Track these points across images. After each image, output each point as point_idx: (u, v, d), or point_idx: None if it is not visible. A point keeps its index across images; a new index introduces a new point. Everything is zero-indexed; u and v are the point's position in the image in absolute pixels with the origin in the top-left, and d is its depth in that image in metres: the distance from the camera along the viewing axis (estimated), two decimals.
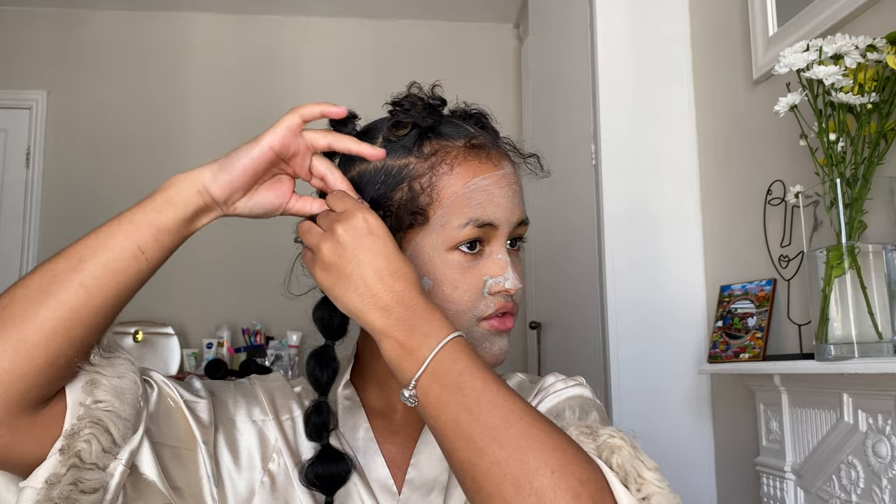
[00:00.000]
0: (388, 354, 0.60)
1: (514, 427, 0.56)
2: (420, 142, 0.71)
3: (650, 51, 2.10)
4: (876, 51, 1.22)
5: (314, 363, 0.70)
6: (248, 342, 3.29)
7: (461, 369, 0.59)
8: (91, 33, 3.60)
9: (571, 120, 2.29)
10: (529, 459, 0.54)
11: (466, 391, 0.58)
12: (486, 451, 0.55)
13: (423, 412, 0.59)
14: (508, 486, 0.54)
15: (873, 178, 1.26)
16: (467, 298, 0.70)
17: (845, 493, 1.30)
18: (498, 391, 0.58)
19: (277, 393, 0.76)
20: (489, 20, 3.73)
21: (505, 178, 0.73)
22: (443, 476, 0.73)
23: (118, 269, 0.60)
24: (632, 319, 1.98)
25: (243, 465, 0.70)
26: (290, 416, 0.74)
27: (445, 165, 0.71)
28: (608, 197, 2.02)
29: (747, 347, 1.67)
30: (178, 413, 0.67)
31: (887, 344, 1.22)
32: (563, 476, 0.54)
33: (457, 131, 0.73)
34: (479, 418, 0.56)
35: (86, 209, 3.46)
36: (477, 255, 0.71)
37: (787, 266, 1.64)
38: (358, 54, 3.65)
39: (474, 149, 0.72)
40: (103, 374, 0.61)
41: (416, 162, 0.71)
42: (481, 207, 0.70)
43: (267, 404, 0.74)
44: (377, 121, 0.75)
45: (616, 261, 2.00)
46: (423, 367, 0.59)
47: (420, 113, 0.72)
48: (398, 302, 0.61)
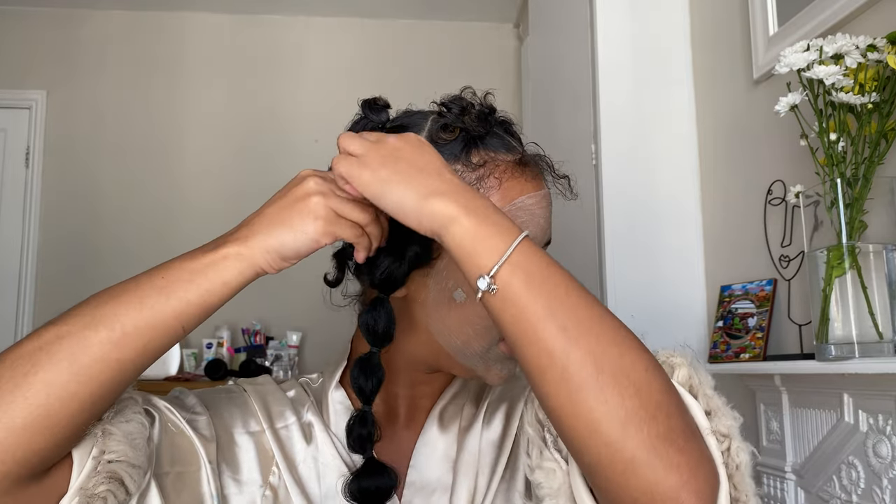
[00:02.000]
0: (460, 240, 0.56)
1: (608, 322, 0.55)
2: (468, 150, 0.69)
3: (650, 51, 2.10)
4: (876, 51, 1.22)
5: (359, 371, 0.67)
6: (248, 342, 3.28)
7: (546, 261, 0.57)
8: (91, 33, 3.59)
9: (571, 120, 2.29)
10: (625, 353, 0.54)
11: (556, 281, 0.56)
12: (582, 340, 0.54)
13: (501, 303, 0.55)
14: (606, 377, 0.53)
15: (874, 177, 1.26)
16: None
17: (846, 494, 1.30)
18: (582, 288, 0.57)
19: (271, 399, 0.74)
20: (489, 20, 3.73)
21: (545, 199, 0.72)
22: (445, 477, 0.72)
23: (158, 348, 0.57)
24: (632, 319, 1.97)
25: (244, 479, 0.68)
26: (284, 424, 0.73)
27: (493, 179, 0.69)
28: (608, 197, 2.02)
29: (747, 347, 1.67)
30: (180, 436, 0.65)
31: (888, 344, 1.22)
32: (656, 375, 0.54)
33: (503, 144, 0.71)
34: (570, 309, 0.55)
35: (85, 209, 3.46)
36: None
37: (787, 266, 1.64)
38: (358, 54, 3.65)
39: (522, 166, 0.71)
40: (113, 422, 0.58)
41: (463, 170, 0.68)
42: (524, 226, 0.67)
43: (261, 413, 0.72)
44: (415, 116, 0.72)
45: (616, 260, 2.00)
46: (509, 253, 0.55)
47: (473, 121, 0.70)
48: (457, 191, 0.58)
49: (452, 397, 0.77)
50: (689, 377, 0.60)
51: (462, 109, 0.70)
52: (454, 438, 0.75)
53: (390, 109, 0.71)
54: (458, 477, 0.72)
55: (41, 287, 3.40)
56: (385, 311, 0.66)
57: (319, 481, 0.71)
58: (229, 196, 3.38)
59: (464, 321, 0.68)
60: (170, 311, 0.56)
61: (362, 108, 0.70)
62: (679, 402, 0.56)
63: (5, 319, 3.35)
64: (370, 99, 0.71)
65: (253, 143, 3.52)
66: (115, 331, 0.55)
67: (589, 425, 0.52)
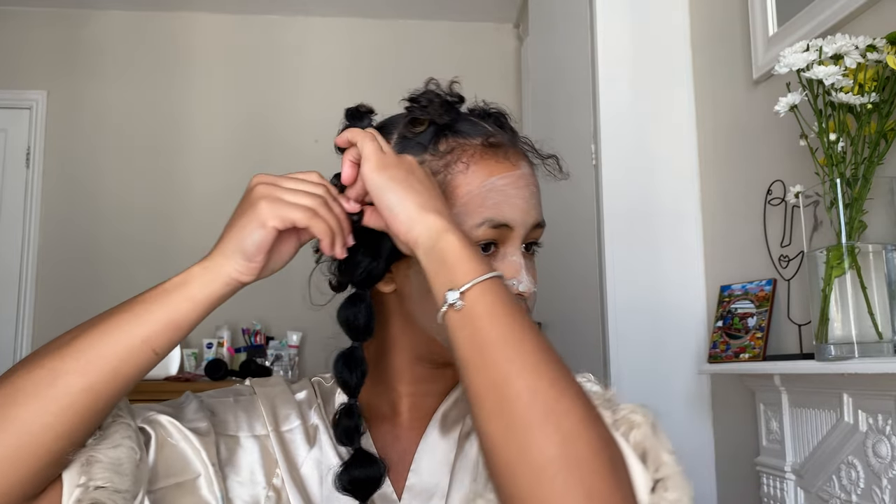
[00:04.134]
0: (442, 253, 0.59)
1: (555, 366, 0.56)
2: (436, 139, 0.70)
3: (650, 51, 2.10)
4: (876, 51, 1.22)
5: (342, 365, 0.68)
6: (248, 342, 3.28)
7: (512, 300, 0.59)
8: (91, 33, 3.59)
9: (571, 120, 2.29)
10: (565, 399, 0.54)
11: (517, 317, 0.57)
12: (524, 374, 0.54)
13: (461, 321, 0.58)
14: (536, 415, 0.53)
15: (873, 177, 1.26)
16: None
17: (845, 494, 1.30)
18: (540, 332, 0.58)
19: (278, 401, 0.74)
20: (489, 20, 3.73)
21: (522, 179, 0.71)
22: (444, 482, 0.72)
23: (129, 373, 0.58)
24: (632, 319, 1.97)
25: (245, 480, 0.68)
26: (290, 427, 0.72)
27: (461, 164, 0.69)
28: (608, 197, 2.02)
29: (747, 347, 1.67)
30: (181, 445, 0.65)
31: (887, 344, 1.22)
32: (589, 427, 0.53)
33: (474, 129, 0.72)
34: (522, 343, 0.56)
35: (85, 209, 3.46)
36: (491, 256, 0.70)
37: (787, 266, 1.64)
38: (358, 54, 3.65)
39: (491, 147, 0.71)
40: (98, 449, 0.59)
41: (431, 159, 0.70)
42: (497, 208, 0.69)
43: (267, 416, 0.72)
44: (394, 116, 0.74)
45: (616, 261, 2.00)
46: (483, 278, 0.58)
47: (437, 110, 0.71)
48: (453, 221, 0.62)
49: (456, 401, 0.77)
50: (644, 438, 0.58)
51: (428, 101, 0.71)
52: (455, 443, 0.74)
53: (374, 115, 0.73)
54: (454, 482, 0.72)
55: (42, 287, 3.40)
56: (364, 305, 0.67)
57: (321, 483, 0.70)
58: (230, 196, 3.36)
59: None
60: (137, 333, 0.58)
61: (346, 116, 0.72)
62: (611, 464, 0.53)
63: (6, 319, 3.35)
64: (352, 107, 0.73)
65: (253, 142, 3.52)
66: (80, 360, 0.57)
67: (510, 462, 0.52)
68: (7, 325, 3.35)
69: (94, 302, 3.29)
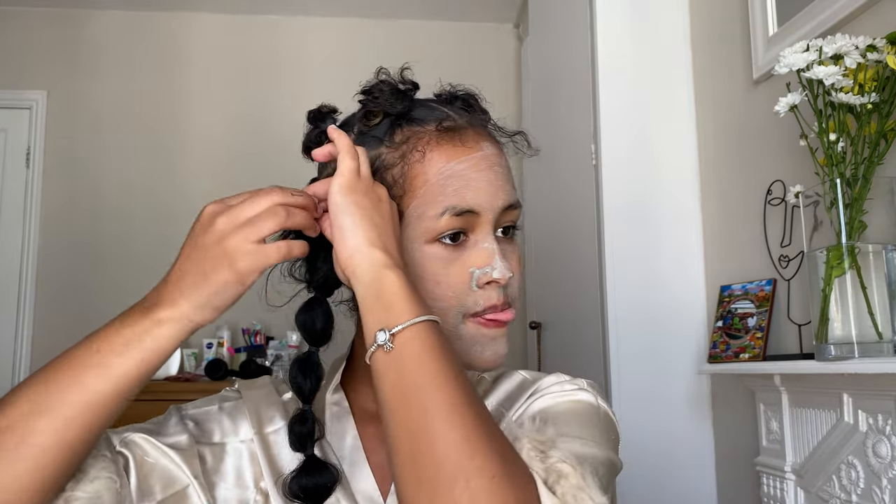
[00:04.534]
0: (380, 289, 0.58)
1: (475, 416, 0.53)
2: (392, 130, 0.67)
3: (650, 51, 2.10)
4: (876, 51, 1.22)
5: (297, 370, 0.66)
6: (248, 342, 3.29)
7: (446, 347, 0.57)
8: (91, 33, 3.59)
9: (571, 120, 2.29)
10: (478, 455, 0.51)
11: (444, 362, 0.55)
12: (440, 426, 0.52)
13: (387, 364, 0.56)
14: (447, 473, 0.51)
15: (873, 178, 1.26)
16: (451, 294, 0.65)
17: (845, 494, 1.30)
18: (468, 383, 0.56)
19: (262, 403, 0.72)
20: (489, 20, 3.73)
21: (485, 160, 0.67)
22: None
23: (102, 423, 0.57)
24: (632, 319, 1.97)
25: (232, 485, 0.67)
26: (274, 428, 0.70)
27: (417, 152, 0.66)
28: (608, 197, 2.02)
29: (747, 347, 1.67)
30: (160, 465, 0.63)
31: (887, 344, 1.22)
32: (502, 486, 0.51)
33: (430, 114, 0.68)
34: (446, 391, 0.54)
35: (86, 209, 3.46)
36: (460, 245, 0.66)
37: (787, 266, 1.64)
38: (358, 54, 3.64)
39: (447, 132, 0.67)
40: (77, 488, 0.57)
41: (386, 152, 0.66)
42: (458, 194, 0.65)
43: (252, 419, 0.70)
44: (353, 113, 0.72)
45: (616, 260, 2.00)
46: (417, 320, 0.56)
47: (388, 99, 0.68)
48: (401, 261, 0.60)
49: None
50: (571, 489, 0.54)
51: (380, 92, 0.68)
52: None
53: (337, 113, 0.71)
54: None
55: (41, 287, 3.40)
56: (322, 310, 0.66)
57: None
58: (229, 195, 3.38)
59: None
60: (110, 388, 0.56)
61: (308, 119, 0.71)
62: None
63: (6, 319, 3.35)
64: (314, 109, 0.72)
65: (253, 142, 3.52)
66: (57, 418, 0.55)
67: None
68: (7, 325, 3.35)
69: (94, 301, 3.31)
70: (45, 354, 3.27)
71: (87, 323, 2.93)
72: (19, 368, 3.30)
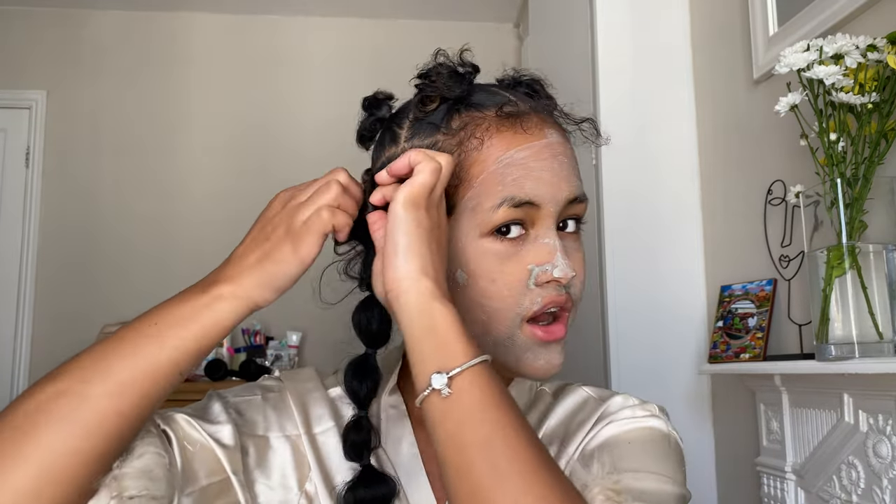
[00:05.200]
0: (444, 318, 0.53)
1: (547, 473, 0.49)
2: (449, 116, 0.63)
3: (650, 51, 2.10)
4: (876, 51, 1.22)
5: (352, 374, 0.62)
6: (248, 342, 3.28)
7: (502, 389, 0.53)
8: (91, 33, 3.59)
9: None
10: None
11: (506, 412, 0.51)
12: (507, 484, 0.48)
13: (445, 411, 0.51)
14: None
15: (874, 177, 1.26)
16: (507, 293, 0.61)
17: (846, 494, 1.30)
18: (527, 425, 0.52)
19: (310, 399, 0.67)
20: (489, 20, 3.73)
21: (548, 149, 0.63)
22: None
23: (158, 395, 0.55)
24: (632, 320, 1.97)
25: (275, 484, 0.63)
26: (323, 428, 0.66)
27: (475, 139, 0.61)
28: (608, 197, 2.02)
29: (748, 347, 1.67)
30: (202, 452, 0.60)
31: (888, 344, 1.22)
32: None
33: (490, 99, 0.64)
34: (510, 446, 0.49)
35: (86, 209, 3.46)
36: (519, 240, 0.61)
37: (787, 266, 1.64)
38: (358, 54, 3.64)
39: (508, 118, 0.63)
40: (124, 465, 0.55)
41: (443, 139, 0.62)
42: (517, 184, 0.60)
43: (299, 416, 0.66)
44: (409, 101, 0.68)
45: (616, 261, 2.00)
46: (475, 362, 0.52)
47: (446, 82, 0.63)
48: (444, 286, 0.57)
49: None
50: None
51: (436, 75, 0.64)
52: None
53: (393, 100, 0.68)
54: None
55: (41, 287, 3.40)
56: (379, 309, 0.62)
57: None
58: (230, 196, 3.38)
59: (473, 305, 0.61)
60: (165, 358, 0.55)
61: (364, 107, 0.68)
62: None
63: (6, 319, 3.35)
64: (370, 96, 0.68)
65: (253, 142, 3.52)
66: (111, 383, 0.53)
67: None
68: (7, 325, 3.35)
69: (94, 302, 3.31)
70: (45, 354, 3.27)
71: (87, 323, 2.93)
72: (19, 368, 3.30)
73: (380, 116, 0.66)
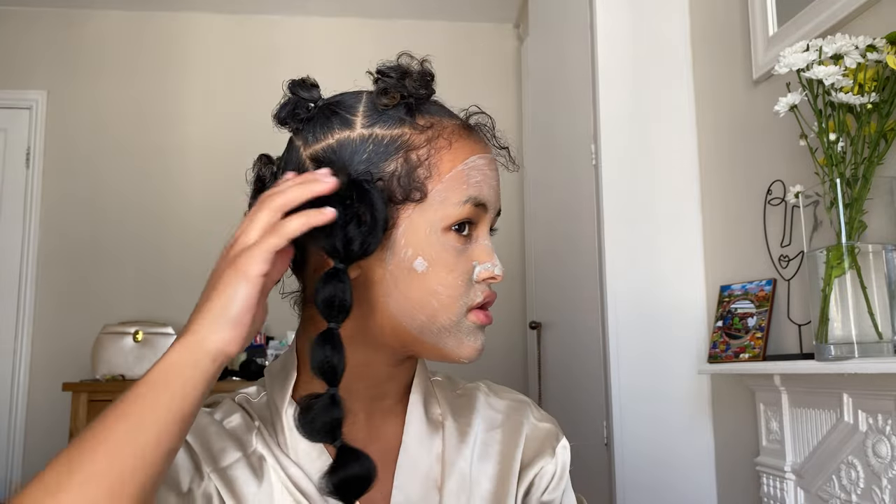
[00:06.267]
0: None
1: None
2: (412, 114, 0.67)
3: (650, 51, 2.10)
4: (876, 51, 1.22)
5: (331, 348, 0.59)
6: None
7: None
8: (91, 33, 3.59)
9: (571, 120, 2.29)
10: None
11: None
12: None
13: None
14: None
15: (873, 178, 1.26)
16: (460, 283, 0.65)
17: (845, 493, 1.30)
18: None
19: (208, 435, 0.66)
20: (489, 20, 3.73)
21: (494, 163, 0.70)
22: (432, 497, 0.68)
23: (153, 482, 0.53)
24: (632, 319, 1.97)
25: None
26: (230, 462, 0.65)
27: (443, 140, 0.66)
28: (608, 197, 2.02)
29: (747, 347, 1.67)
30: None
31: (887, 344, 1.22)
32: None
33: (443, 111, 0.70)
34: None
35: (85, 209, 3.46)
36: (468, 238, 0.67)
37: (787, 266, 1.64)
38: (358, 54, 3.64)
39: (468, 129, 0.69)
40: None
41: (411, 133, 0.66)
42: (478, 187, 0.67)
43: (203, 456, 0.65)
44: (347, 94, 0.70)
45: (616, 261, 2.00)
46: None
47: (415, 83, 0.67)
48: None
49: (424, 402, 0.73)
50: None
51: (403, 74, 0.68)
52: (437, 457, 0.71)
53: (318, 89, 0.71)
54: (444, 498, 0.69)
55: (41, 287, 3.40)
56: (348, 281, 0.61)
57: None
58: (230, 196, 3.37)
59: (427, 292, 0.64)
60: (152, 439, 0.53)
61: (291, 88, 0.70)
62: None
63: (6, 319, 3.35)
64: (298, 79, 0.71)
65: (253, 143, 3.51)
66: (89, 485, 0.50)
67: None
68: (7, 325, 3.35)
69: (94, 302, 3.31)
70: (45, 354, 3.28)
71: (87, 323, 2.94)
72: (19, 368, 3.30)
73: (307, 99, 0.69)
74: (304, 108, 0.70)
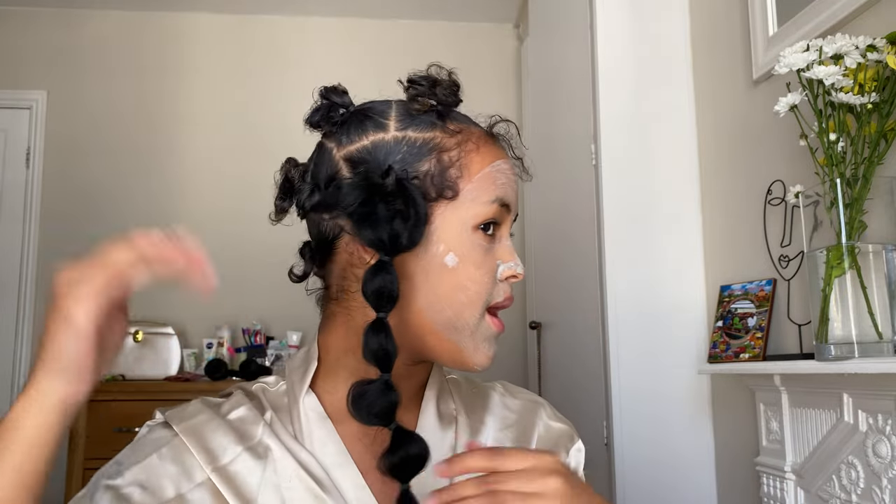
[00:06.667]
0: None
1: None
2: (443, 119, 0.72)
3: (650, 51, 2.10)
4: (876, 51, 1.22)
5: (384, 336, 0.62)
6: (248, 342, 3.28)
7: None
8: (91, 33, 3.59)
9: (571, 120, 2.29)
10: None
11: None
12: None
13: None
14: None
15: (873, 177, 1.26)
16: (487, 280, 0.69)
17: (845, 493, 1.30)
18: None
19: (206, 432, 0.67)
20: (489, 20, 3.73)
21: (514, 169, 0.75)
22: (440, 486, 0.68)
23: None
24: (632, 319, 1.97)
25: None
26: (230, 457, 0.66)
27: (472, 144, 0.71)
28: (608, 197, 2.02)
29: (747, 347, 1.67)
30: None
31: (887, 344, 1.22)
32: None
33: (468, 119, 0.75)
34: None
35: (85, 209, 3.46)
36: (492, 237, 0.70)
37: (787, 266, 1.64)
38: (358, 54, 3.65)
39: (491, 136, 0.74)
40: None
41: (442, 136, 0.70)
42: (504, 188, 0.71)
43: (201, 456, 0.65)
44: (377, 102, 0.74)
45: (616, 261, 2.00)
46: None
47: (444, 91, 0.72)
48: None
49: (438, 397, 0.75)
50: None
51: (433, 83, 0.72)
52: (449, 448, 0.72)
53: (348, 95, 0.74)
54: None
55: (41, 287, 3.40)
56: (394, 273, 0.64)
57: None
58: (230, 196, 3.38)
59: (456, 287, 0.67)
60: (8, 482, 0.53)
61: (324, 94, 0.72)
62: None
63: (6, 319, 3.35)
64: (330, 86, 0.73)
65: (253, 143, 3.52)
66: None
67: None
68: (7, 325, 3.35)
69: None
70: None
71: None
72: (19, 368, 3.30)
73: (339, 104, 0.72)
74: (337, 112, 0.73)
